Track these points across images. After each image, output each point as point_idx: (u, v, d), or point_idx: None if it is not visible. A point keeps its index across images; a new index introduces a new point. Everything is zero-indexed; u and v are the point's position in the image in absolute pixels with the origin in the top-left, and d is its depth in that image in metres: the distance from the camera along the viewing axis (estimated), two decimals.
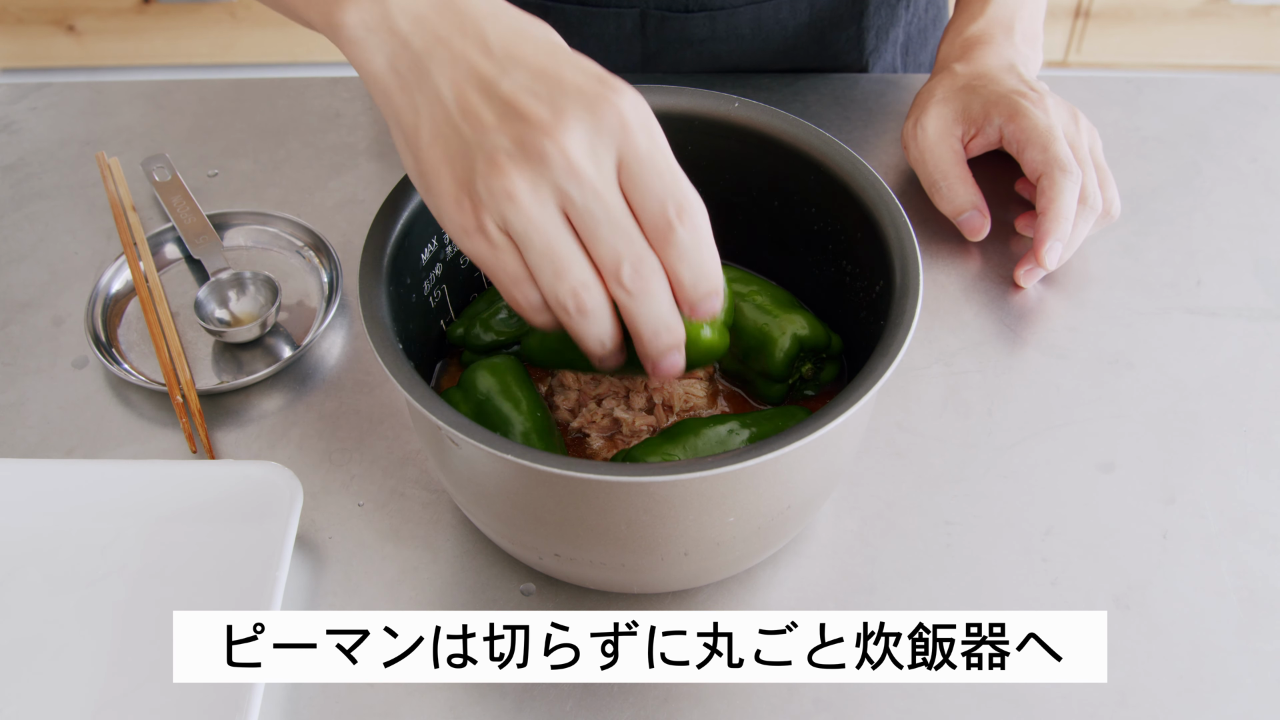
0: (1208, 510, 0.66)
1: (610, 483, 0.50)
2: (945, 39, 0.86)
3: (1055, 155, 0.75)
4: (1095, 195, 0.75)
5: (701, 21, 0.90)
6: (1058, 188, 0.74)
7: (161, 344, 0.73)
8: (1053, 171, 0.75)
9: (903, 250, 0.57)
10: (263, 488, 0.63)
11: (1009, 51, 0.82)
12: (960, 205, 0.78)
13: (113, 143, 0.89)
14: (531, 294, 0.50)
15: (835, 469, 0.59)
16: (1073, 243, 0.75)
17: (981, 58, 0.82)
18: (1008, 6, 0.84)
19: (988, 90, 0.79)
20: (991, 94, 0.78)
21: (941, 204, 0.79)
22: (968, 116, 0.79)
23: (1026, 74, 0.81)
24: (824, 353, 0.63)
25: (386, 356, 0.53)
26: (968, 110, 0.79)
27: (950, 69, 0.82)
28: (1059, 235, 0.74)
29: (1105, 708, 0.58)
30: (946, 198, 0.79)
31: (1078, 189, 0.75)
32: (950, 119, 0.80)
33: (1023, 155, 0.77)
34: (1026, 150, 0.76)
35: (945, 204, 0.79)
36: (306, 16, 0.52)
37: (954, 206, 0.79)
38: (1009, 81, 0.79)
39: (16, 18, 2.29)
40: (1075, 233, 0.75)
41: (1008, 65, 0.81)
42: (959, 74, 0.81)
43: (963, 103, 0.80)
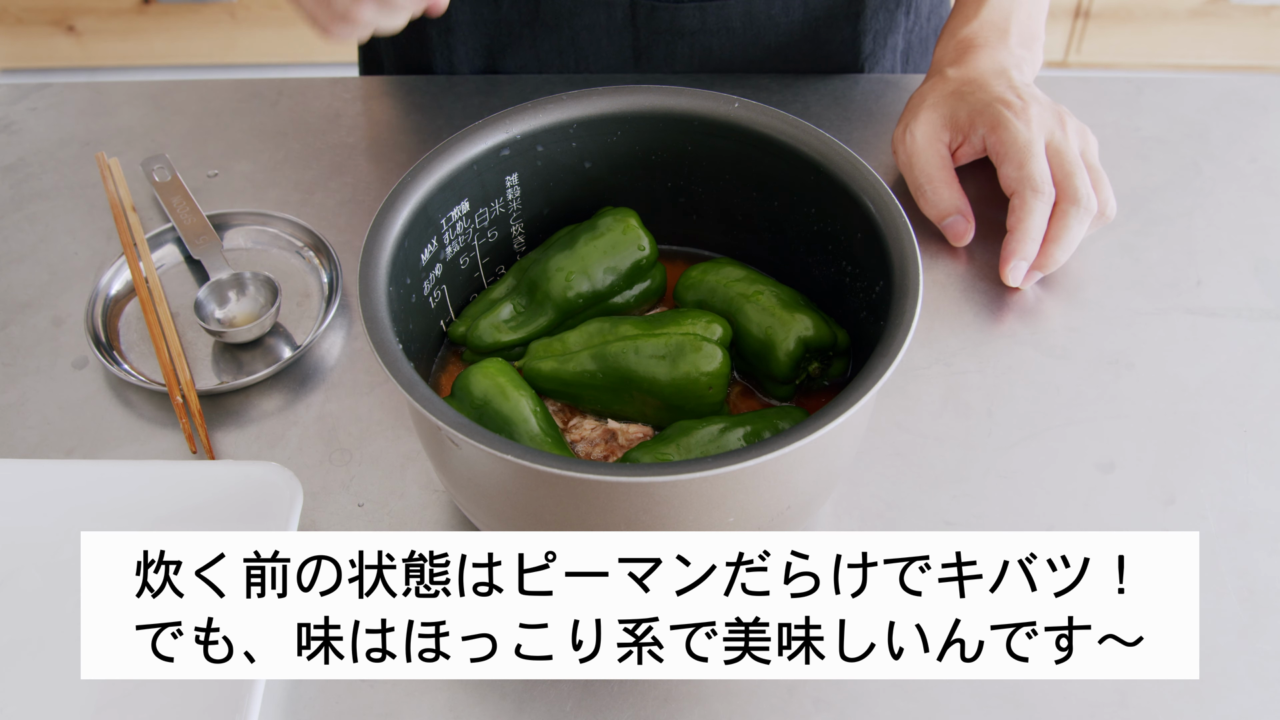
0: (1208, 510, 0.66)
1: (611, 483, 0.50)
2: (940, 41, 0.86)
3: (1028, 174, 0.75)
4: (1089, 197, 0.75)
5: (691, 12, 0.90)
6: (1027, 208, 0.74)
7: (161, 344, 0.73)
8: (1024, 191, 0.75)
9: (902, 251, 0.57)
10: (263, 488, 0.63)
11: (1002, 55, 0.82)
12: (944, 210, 0.78)
13: (113, 143, 0.89)
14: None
15: (834, 469, 0.59)
16: (1069, 244, 0.75)
17: (973, 61, 0.81)
18: (1002, 7, 0.84)
19: (975, 98, 0.78)
20: (978, 102, 0.78)
21: (926, 208, 0.79)
22: (955, 124, 0.79)
23: (1020, 77, 0.80)
24: (830, 350, 0.63)
25: (387, 358, 0.53)
26: (955, 117, 0.79)
27: (943, 72, 0.82)
28: (1024, 255, 0.75)
29: (1106, 707, 0.58)
30: (931, 202, 0.79)
31: (1048, 210, 0.75)
32: (938, 125, 0.79)
33: (1000, 169, 0.77)
34: (1003, 165, 0.77)
35: (929, 208, 0.79)
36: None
37: (938, 211, 0.79)
38: (996, 88, 0.78)
39: (16, 18, 2.29)
40: (1071, 235, 0.75)
41: (999, 70, 0.80)
42: (950, 78, 0.81)
43: (950, 109, 0.79)
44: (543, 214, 0.69)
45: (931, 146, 0.79)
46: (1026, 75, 0.82)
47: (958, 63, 0.82)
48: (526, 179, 0.66)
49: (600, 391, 0.62)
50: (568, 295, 0.65)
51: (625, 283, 0.66)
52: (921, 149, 0.79)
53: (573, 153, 0.66)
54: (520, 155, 0.64)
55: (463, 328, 0.66)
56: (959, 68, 0.81)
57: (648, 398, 0.61)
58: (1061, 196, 0.75)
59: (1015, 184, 0.76)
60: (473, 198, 0.64)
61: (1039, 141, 0.76)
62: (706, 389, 0.60)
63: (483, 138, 0.63)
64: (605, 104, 0.65)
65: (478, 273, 0.68)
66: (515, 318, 0.66)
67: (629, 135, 0.66)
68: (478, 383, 0.60)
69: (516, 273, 0.68)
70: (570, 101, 0.64)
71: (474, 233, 0.66)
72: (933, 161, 0.79)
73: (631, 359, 0.61)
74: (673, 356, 0.60)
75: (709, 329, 0.62)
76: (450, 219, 0.63)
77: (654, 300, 0.68)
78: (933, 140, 0.79)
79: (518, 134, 0.63)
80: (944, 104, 0.80)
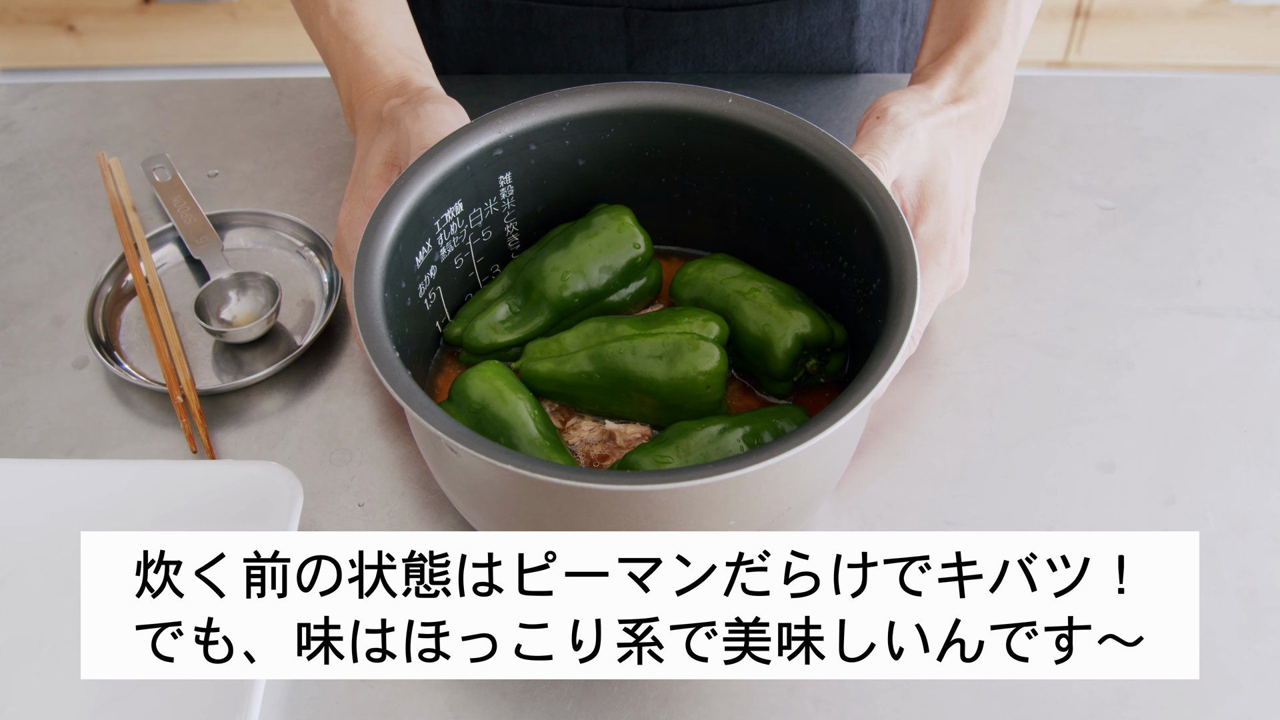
0: (1208, 510, 0.66)
1: (612, 492, 0.50)
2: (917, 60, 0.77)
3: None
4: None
5: (685, 20, 0.89)
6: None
7: (161, 344, 0.73)
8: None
9: (899, 247, 0.57)
10: (263, 488, 0.62)
11: (924, 106, 0.68)
12: None
13: (113, 143, 0.89)
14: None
15: (835, 469, 0.59)
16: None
17: (911, 100, 0.68)
18: (938, 45, 0.74)
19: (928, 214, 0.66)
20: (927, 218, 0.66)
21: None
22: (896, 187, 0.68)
23: (922, 144, 0.66)
24: (828, 347, 0.63)
25: (384, 366, 0.53)
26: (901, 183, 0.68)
27: (890, 105, 0.68)
28: None
29: (1106, 707, 0.58)
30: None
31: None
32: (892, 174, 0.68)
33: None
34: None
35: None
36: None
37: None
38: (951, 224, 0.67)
39: (16, 18, 2.29)
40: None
41: (915, 118, 0.67)
42: (889, 116, 0.66)
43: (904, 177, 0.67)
44: (537, 212, 0.69)
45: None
46: (934, 140, 0.67)
47: (899, 98, 0.68)
48: (520, 178, 0.66)
49: (598, 392, 0.62)
50: (563, 294, 0.65)
51: (621, 281, 0.66)
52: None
53: (566, 151, 0.66)
54: (513, 154, 0.64)
55: (459, 329, 0.66)
56: (901, 104, 0.67)
57: (645, 398, 0.61)
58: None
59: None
60: (466, 198, 0.64)
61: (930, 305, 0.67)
62: (704, 388, 0.60)
63: (475, 137, 0.62)
64: (599, 101, 0.64)
65: (472, 273, 0.68)
66: (511, 318, 0.66)
67: (623, 132, 0.66)
68: (475, 387, 0.60)
69: (511, 272, 0.68)
70: (563, 99, 0.64)
71: (468, 233, 0.66)
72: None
73: (629, 359, 0.61)
74: (670, 356, 0.60)
75: (706, 327, 0.62)
76: (444, 220, 0.63)
77: (650, 298, 0.68)
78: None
79: (510, 133, 0.63)
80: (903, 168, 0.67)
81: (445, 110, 0.65)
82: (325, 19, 0.74)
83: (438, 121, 0.64)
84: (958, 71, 0.71)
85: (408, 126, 0.64)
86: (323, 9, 0.74)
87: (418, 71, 0.71)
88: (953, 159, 0.67)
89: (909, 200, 0.66)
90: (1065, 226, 0.81)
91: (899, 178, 0.65)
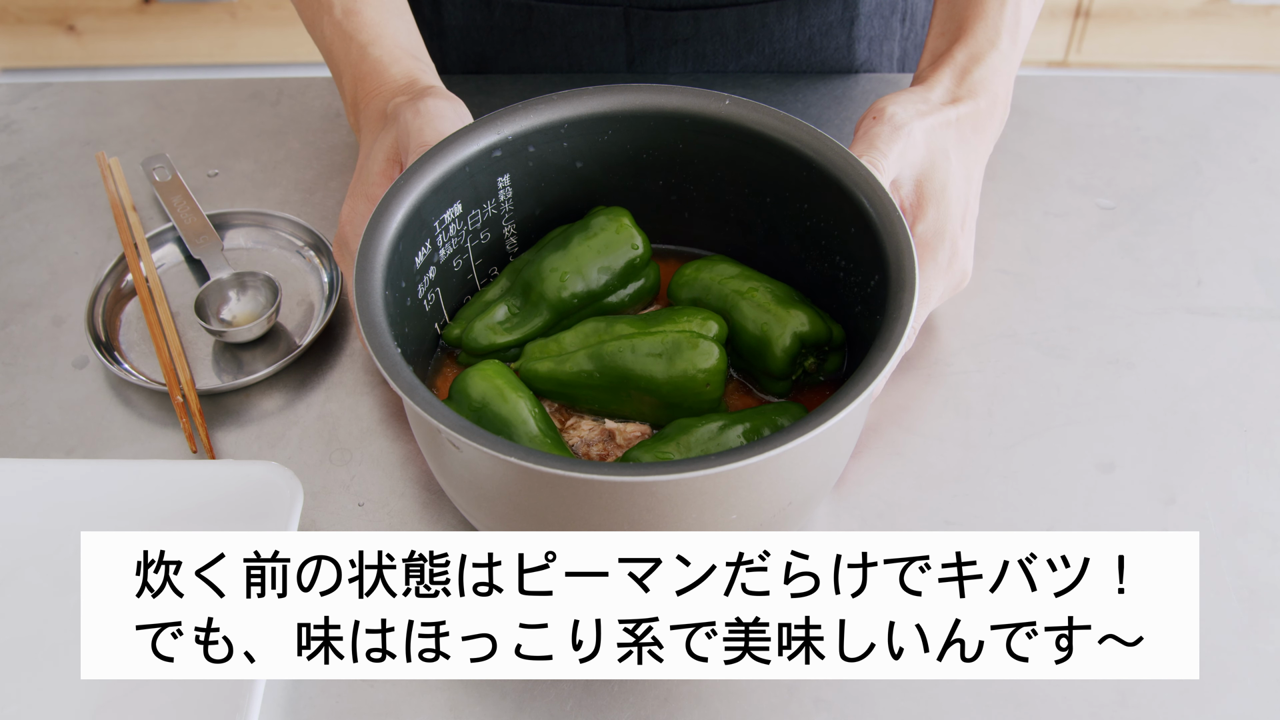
0: (1208, 510, 0.66)
1: (615, 483, 0.50)
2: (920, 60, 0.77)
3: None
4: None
5: (685, 20, 0.90)
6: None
7: (162, 344, 0.73)
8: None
9: (897, 245, 0.57)
10: (263, 488, 0.63)
11: (921, 106, 0.68)
12: None
13: (113, 143, 0.89)
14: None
15: (835, 464, 0.59)
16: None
17: (908, 101, 0.68)
18: (937, 48, 0.74)
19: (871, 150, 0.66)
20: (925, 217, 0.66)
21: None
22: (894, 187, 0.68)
23: (919, 143, 0.66)
24: (826, 345, 0.63)
25: (386, 362, 0.53)
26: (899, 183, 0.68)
27: (891, 105, 0.68)
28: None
29: (1106, 708, 0.58)
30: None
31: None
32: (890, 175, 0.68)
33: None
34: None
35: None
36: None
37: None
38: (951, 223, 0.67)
39: (16, 18, 2.29)
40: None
41: (911, 118, 0.67)
42: (886, 117, 0.67)
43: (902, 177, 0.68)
44: (535, 214, 0.69)
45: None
46: (931, 143, 0.67)
47: (900, 99, 0.68)
48: (518, 180, 0.66)
49: (597, 391, 0.62)
50: (562, 295, 0.65)
51: (619, 282, 0.66)
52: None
53: (564, 153, 0.66)
54: (512, 156, 0.64)
55: (458, 330, 0.66)
56: (901, 104, 0.68)
57: (645, 396, 0.61)
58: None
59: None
60: (465, 200, 0.64)
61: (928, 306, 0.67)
62: (704, 386, 0.60)
63: (474, 139, 0.62)
64: (596, 103, 0.64)
65: (471, 275, 0.68)
66: (510, 319, 0.66)
67: (620, 134, 0.66)
68: (475, 385, 0.60)
69: (510, 274, 0.68)
70: (561, 101, 0.64)
71: (467, 234, 0.66)
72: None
73: (628, 358, 0.61)
74: (669, 354, 0.60)
75: (705, 326, 0.62)
76: (443, 221, 0.63)
77: (648, 299, 0.68)
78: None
79: (509, 135, 0.63)
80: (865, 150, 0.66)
81: (445, 106, 0.65)
82: (329, 19, 0.74)
83: (437, 118, 0.64)
84: (955, 73, 0.71)
85: (407, 122, 0.65)
86: (327, 9, 0.74)
87: (423, 72, 0.71)
88: (951, 159, 0.67)
89: (907, 199, 0.66)
90: (1065, 226, 0.81)
91: (897, 177, 0.66)
